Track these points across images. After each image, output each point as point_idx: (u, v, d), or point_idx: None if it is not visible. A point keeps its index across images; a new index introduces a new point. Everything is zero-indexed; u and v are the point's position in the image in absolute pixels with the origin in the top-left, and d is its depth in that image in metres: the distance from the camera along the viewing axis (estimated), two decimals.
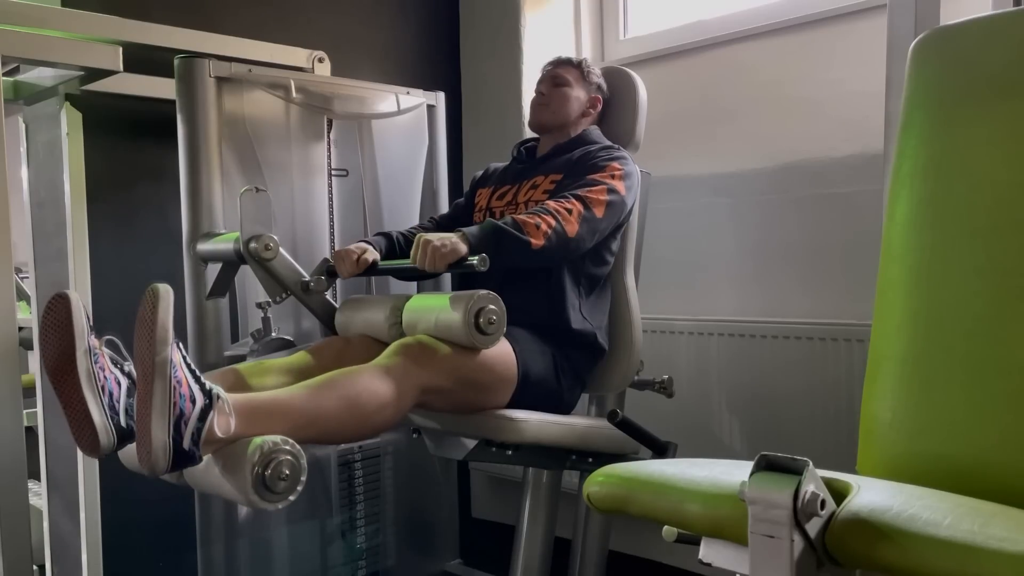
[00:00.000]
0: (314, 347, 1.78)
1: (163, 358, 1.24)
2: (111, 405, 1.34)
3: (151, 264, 2.19)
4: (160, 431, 1.23)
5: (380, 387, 1.51)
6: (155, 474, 1.26)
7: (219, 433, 1.29)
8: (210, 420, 1.28)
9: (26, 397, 1.75)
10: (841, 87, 2.09)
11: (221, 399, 1.30)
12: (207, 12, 2.30)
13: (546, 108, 2.01)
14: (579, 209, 1.75)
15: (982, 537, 0.77)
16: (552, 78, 2.02)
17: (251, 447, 1.29)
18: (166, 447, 1.23)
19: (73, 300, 1.34)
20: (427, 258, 1.64)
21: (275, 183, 2.07)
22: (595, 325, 1.86)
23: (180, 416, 1.25)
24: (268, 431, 1.34)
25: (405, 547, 2.37)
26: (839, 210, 2.08)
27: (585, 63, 2.05)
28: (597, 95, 2.04)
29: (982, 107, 1.20)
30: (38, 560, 2.01)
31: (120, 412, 1.35)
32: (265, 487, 1.29)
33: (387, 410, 1.51)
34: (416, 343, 1.62)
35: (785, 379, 2.06)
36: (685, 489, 0.97)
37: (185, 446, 1.25)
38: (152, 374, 1.23)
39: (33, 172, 2.05)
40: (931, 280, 1.20)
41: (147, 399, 1.23)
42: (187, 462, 1.27)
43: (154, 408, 1.23)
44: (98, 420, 1.32)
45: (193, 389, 1.27)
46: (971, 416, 1.12)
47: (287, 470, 1.30)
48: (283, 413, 1.39)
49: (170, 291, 1.27)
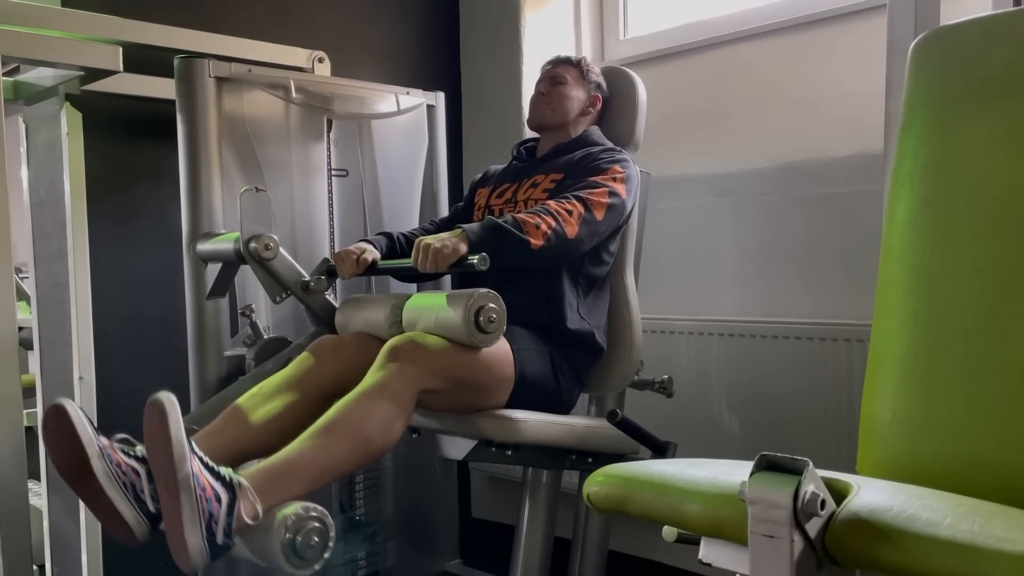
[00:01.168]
0: (311, 348, 1.77)
1: (185, 475, 1.26)
2: (136, 497, 1.35)
3: (151, 264, 2.19)
4: (195, 537, 1.26)
5: (382, 410, 1.51)
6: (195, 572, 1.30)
7: (248, 520, 1.32)
8: (237, 511, 1.31)
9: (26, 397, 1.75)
10: (841, 87, 2.09)
11: (243, 486, 1.33)
12: (207, 12, 2.30)
13: (545, 107, 2.01)
14: (579, 211, 1.75)
15: (982, 537, 0.77)
16: (551, 77, 2.02)
17: (276, 522, 1.33)
18: (203, 550, 1.27)
19: (71, 411, 1.33)
20: (428, 261, 1.64)
21: (275, 183, 2.06)
22: (593, 324, 1.86)
23: (210, 518, 1.28)
24: (288, 496, 1.38)
25: (405, 547, 2.37)
26: (839, 210, 2.08)
27: (584, 62, 2.04)
28: (597, 94, 2.04)
29: (982, 107, 1.20)
30: (38, 560, 2.01)
31: (147, 499, 1.35)
32: (296, 555, 1.33)
33: (395, 427, 1.53)
34: (407, 342, 1.61)
35: (785, 379, 2.06)
36: (685, 489, 0.97)
37: (220, 542, 1.29)
38: (177, 491, 1.26)
39: (33, 172, 2.05)
40: (931, 280, 1.20)
41: (176, 512, 1.26)
42: (223, 552, 1.30)
43: (185, 520, 1.26)
44: (129, 516, 1.33)
45: (216, 488, 1.30)
46: (971, 416, 1.12)
47: (316, 537, 1.34)
48: (299, 474, 1.41)
49: (174, 402, 1.28)
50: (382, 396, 1.52)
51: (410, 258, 1.70)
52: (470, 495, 2.81)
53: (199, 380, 1.97)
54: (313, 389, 1.67)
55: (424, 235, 2.03)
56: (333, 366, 1.71)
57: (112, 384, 2.05)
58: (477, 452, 1.71)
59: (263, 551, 1.34)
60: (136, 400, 2.17)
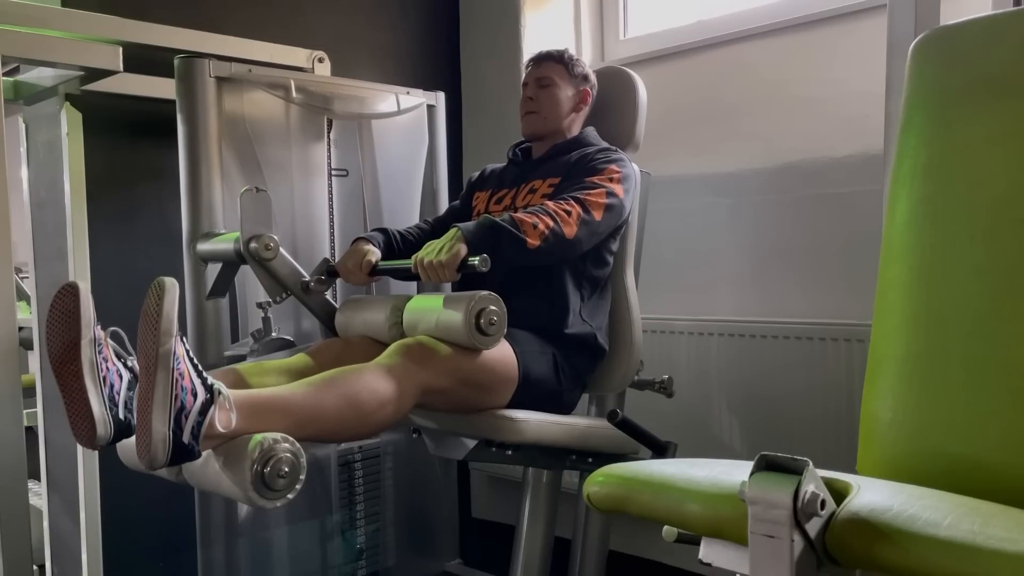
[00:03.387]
0: (313, 348, 1.78)
1: (167, 349, 1.23)
2: (111, 397, 1.33)
3: (151, 264, 2.18)
4: (160, 423, 1.22)
5: (381, 386, 1.50)
6: (153, 467, 1.25)
7: (220, 428, 1.28)
8: (211, 415, 1.27)
9: (26, 397, 1.75)
10: (841, 87, 2.09)
11: (223, 394, 1.30)
12: (207, 12, 2.30)
13: (537, 116, 1.99)
14: (578, 212, 1.75)
15: (982, 537, 0.77)
16: (537, 81, 2.00)
17: (251, 444, 1.28)
18: (166, 440, 1.23)
19: (82, 291, 1.34)
20: (435, 273, 1.66)
21: (275, 183, 2.06)
22: (595, 326, 1.86)
23: (181, 409, 1.24)
24: (268, 428, 1.33)
25: (405, 547, 2.37)
26: (839, 210, 2.08)
27: (567, 55, 2.01)
28: (585, 87, 2.02)
29: (982, 107, 1.20)
30: (38, 560, 2.01)
31: (120, 405, 1.34)
32: (264, 484, 1.28)
33: (387, 408, 1.51)
34: (417, 344, 1.62)
35: (785, 379, 2.06)
36: (685, 489, 0.97)
37: (185, 440, 1.25)
38: (155, 365, 1.23)
39: (33, 172, 2.05)
40: (931, 280, 1.20)
41: (149, 390, 1.23)
42: (186, 456, 1.26)
43: (155, 400, 1.22)
44: (97, 411, 1.31)
45: (195, 383, 1.27)
46: (971, 416, 1.12)
47: (286, 468, 1.29)
48: (284, 409, 1.39)
49: (176, 285, 1.27)
50: (385, 376, 1.52)
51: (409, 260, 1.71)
52: (470, 495, 2.81)
53: None
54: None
55: (420, 234, 2.04)
56: (333, 367, 1.71)
57: None
58: (477, 452, 1.71)
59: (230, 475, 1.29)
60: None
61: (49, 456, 2.00)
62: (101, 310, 1.88)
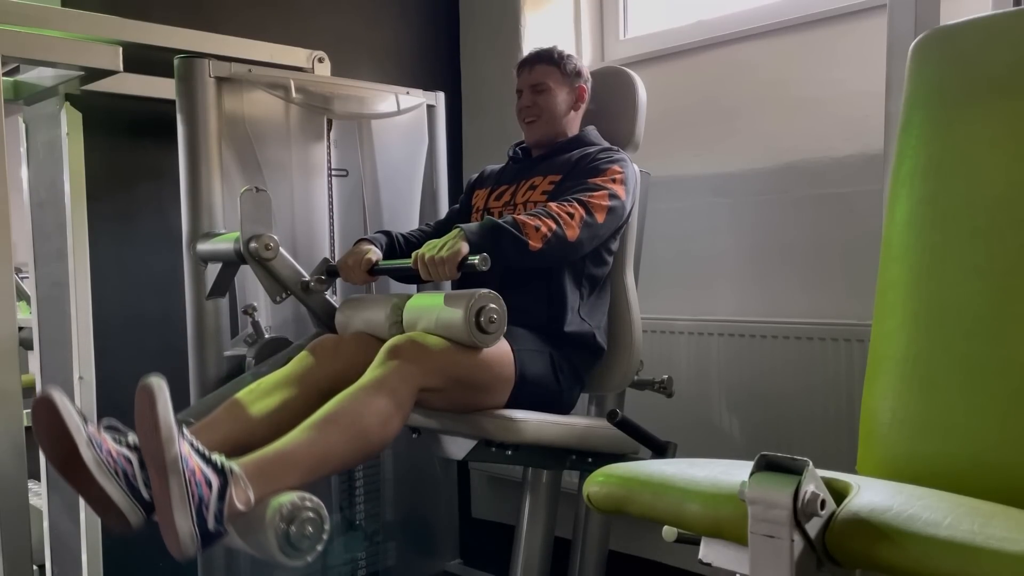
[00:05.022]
0: (310, 347, 1.77)
1: (173, 456, 1.25)
2: (129, 484, 1.33)
3: (151, 264, 2.19)
4: (184, 521, 1.25)
5: (379, 404, 1.51)
6: (187, 558, 1.28)
7: (240, 507, 1.30)
8: (229, 496, 1.29)
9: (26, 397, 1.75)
10: (841, 87, 2.09)
11: (235, 473, 1.32)
12: (207, 12, 2.30)
13: (536, 124, 1.99)
14: (581, 214, 1.75)
15: (982, 537, 0.77)
16: (532, 87, 1.99)
17: (270, 512, 1.30)
18: (193, 534, 1.26)
19: (57, 400, 1.30)
20: (436, 271, 1.65)
21: (275, 183, 2.06)
22: (593, 325, 1.86)
23: (200, 502, 1.27)
24: (283, 486, 1.36)
25: (405, 547, 2.37)
26: (839, 210, 2.08)
27: (556, 54, 1.99)
28: (580, 84, 2.00)
29: (982, 107, 1.20)
30: (38, 560, 2.01)
31: (140, 486, 1.33)
32: (291, 546, 1.31)
33: (392, 423, 1.52)
34: (407, 341, 1.61)
35: (785, 379, 2.06)
36: (685, 489, 0.97)
37: (211, 528, 1.27)
38: (165, 472, 1.25)
39: (33, 172, 2.05)
40: (931, 280, 1.20)
41: (165, 494, 1.25)
42: (215, 539, 1.29)
43: (174, 502, 1.25)
44: (122, 503, 1.31)
45: (207, 473, 1.29)
46: (971, 416, 1.12)
47: (310, 527, 1.32)
48: (294, 463, 1.40)
49: (163, 385, 1.26)
50: (380, 391, 1.52)
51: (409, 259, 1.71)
52: (470, 495, 2.81)
53: (199, 380, 1.97)
54: (312, 386, 1.67)
55: (423, 237, 2.04)
56: (332, 365, 1.71)
57: (112, 384, 2.05)
58: (477, 452, 1.71)
59: (257, 541, 1.32)
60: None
61: None
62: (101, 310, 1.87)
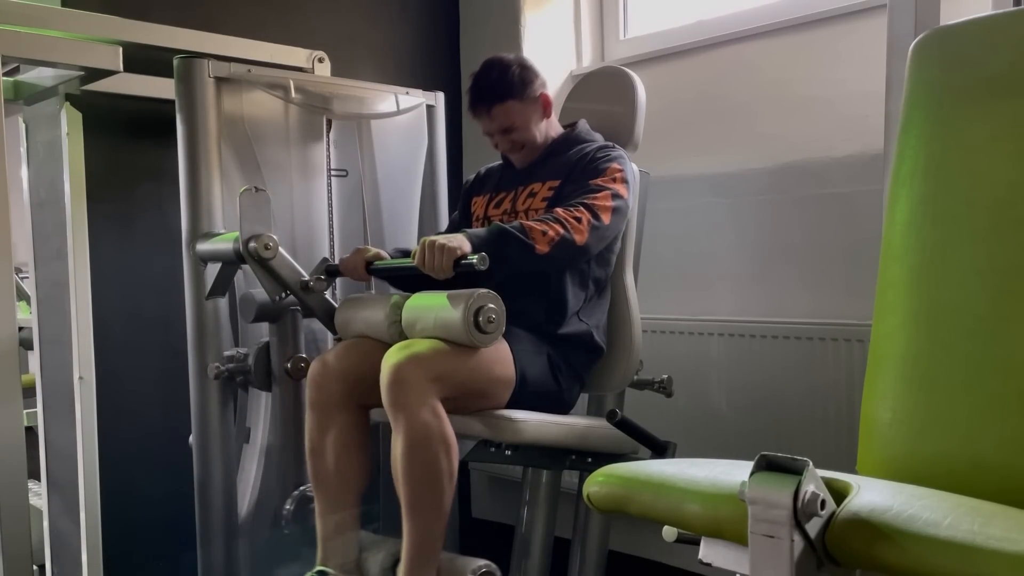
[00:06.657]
0: (308, 401, 1.80)
1: None
2: None
3: (151, 264, 2.19)
4: None
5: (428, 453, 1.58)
6: None
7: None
8: None
9: (26, 397, 1.75)
10: (841, 87, 2.09)
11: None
12: (207, 12, 2.30)
13: (518, 151, 1.95)
14: (588, 218, 1.74)
15: (982, 537, 0.77)
16: (500, 130, 1.91)
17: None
18: None
19: None
20: (434, 257, 1.62)
21: (274, 183, 2.06)
22: (592, 324, 1.86)
23: None
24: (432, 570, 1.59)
25: None
26: (839, 210, 2.08)
27: (507, 83, 1.88)
28: (541, 93, 1.93)
29: (982, 107, 1.20)
30: (38, 560, 2.01)
31: None
32: None
33: (447, 445, 1.60)
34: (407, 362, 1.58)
35: (785, 379, 2.06)
36: (685, 489, 0.97)
37: None
38: None
39: (33, 172, 2.05)
40: (931, 280, 1.20)
41: None
42: None
43: None
44: None
45: None
46: (971, 416, 1.12)
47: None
48: (421, 556, 1.59)
49: None
50: (417, 439, 1.57)
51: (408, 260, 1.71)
52: (470, 495, 2.81)
53: (199, 380, 1.97)
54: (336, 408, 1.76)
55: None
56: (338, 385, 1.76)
57: (112, 384, 2.05)
58: (477, 452, 1.71)
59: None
60: (136, 400, 2.19)
61: (49, 456, 2.00)
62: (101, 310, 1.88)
